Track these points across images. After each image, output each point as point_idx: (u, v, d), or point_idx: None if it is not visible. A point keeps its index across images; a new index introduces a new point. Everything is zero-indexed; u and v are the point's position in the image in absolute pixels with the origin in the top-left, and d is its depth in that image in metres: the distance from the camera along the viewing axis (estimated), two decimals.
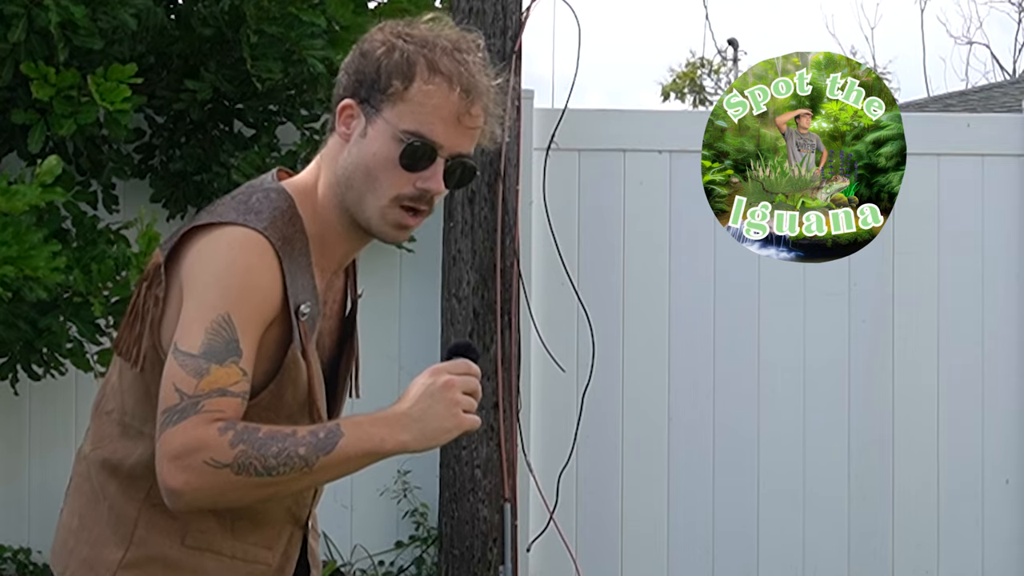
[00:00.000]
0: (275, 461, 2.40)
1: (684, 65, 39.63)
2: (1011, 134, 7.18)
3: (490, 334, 6.62)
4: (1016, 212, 7.11)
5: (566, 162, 6.97)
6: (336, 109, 2.66)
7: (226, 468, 2.38)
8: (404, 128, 2.57)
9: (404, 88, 2.58)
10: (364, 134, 2.61)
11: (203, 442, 2.37)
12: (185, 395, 2.40)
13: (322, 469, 2.43)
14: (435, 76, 2.58)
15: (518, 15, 6.69)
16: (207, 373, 2.41)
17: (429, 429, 2.50)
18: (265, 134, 6.68)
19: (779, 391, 7.06)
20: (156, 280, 2.56)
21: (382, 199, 2.60)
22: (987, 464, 7.09)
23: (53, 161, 5.30)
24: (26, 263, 5.22)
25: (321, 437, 2.43)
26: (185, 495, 2.39)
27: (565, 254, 6.87)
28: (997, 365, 7.09)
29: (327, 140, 2.71)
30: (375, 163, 2.59)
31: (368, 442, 2.46)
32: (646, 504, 7.04)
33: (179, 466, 2.37)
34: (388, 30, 2.66)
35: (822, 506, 7.04)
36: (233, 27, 6.17)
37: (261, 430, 2.42)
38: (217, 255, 2.50)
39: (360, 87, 2.62)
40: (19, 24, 5.60)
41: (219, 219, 2.54)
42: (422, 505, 6.98)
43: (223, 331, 2.43)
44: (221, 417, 2.40)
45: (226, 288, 2.47)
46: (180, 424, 2.38)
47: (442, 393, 2.51)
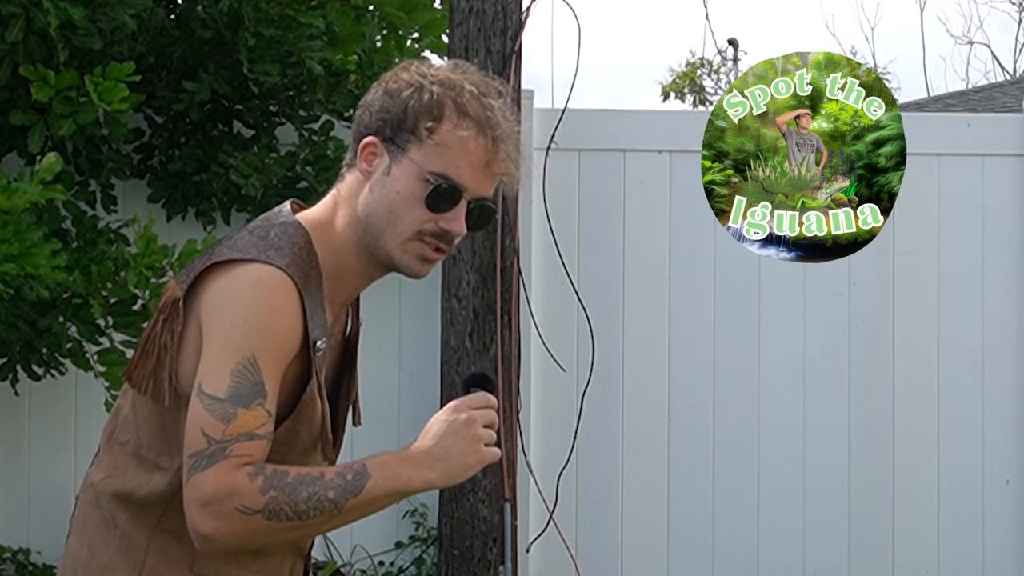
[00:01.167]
0: (305, 506, 2.42)
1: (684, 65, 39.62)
2: (1011, 134, 7.17)
3: (490, 334, 6.62)
4: (1016, 212, 7.10)
5: (566, 162, 6.97)
6: (358, 146, 2.65)
7: (257, 514, 2.39)
8: (431, 170, 2.58)
9: (432, 129, 2.59)
10: (388, 172, 2.61)
11: (234, 488, 2.39)
12: (213, 440, 2.40)
13: (350, 511, 2.45)
14: (464, 120, 2.59)
15: (518, 15, 6.68)
16: (234, 418, 2.41)
17: (453, 467, 2.53)
18: (264, 135, 6.68)
19: (779, 391, 7.05)
20: (174, 315, 2.56)
21: (403, 235, 2.61)
22: (987, 464, 7.08)
23: (52, 158, 5.29)
24: (27, 261, 5.23)
25: (349, 480, 2.45)
26: (216, 540, 2.41)
27: (565, 254, 6.86)
28: (997, 365, 7.09)
29: (344, 176, 2.69)
30: (398, 201, 2.60)
31: (395, 482, 2.48)
32: (646, 504, 7.04)
33: (210, 512, 2.39)
34: (414, 70, 2.66)
35: (822, 505, 7.04)
36: (232, 29, 6.17)
37: (290, 474, 2.43)
38: (241, 294, 2.50)
39: (385, 126, 2.62)
40: (17, 24, 5.60)
41: (240, 255, 2.52)
42: (422, 505, 6.98)
43: (248, 373, 2.44)
44: (249, 461, 2.41)
45: (251, 329, 2.46)
46: (209, 470, 2.39)
47: (465, 430, 2.54)
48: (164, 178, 6.74)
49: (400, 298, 6.98)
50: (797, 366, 7.06)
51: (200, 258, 2.61)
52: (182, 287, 2.56)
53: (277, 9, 5.99)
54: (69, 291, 5.92)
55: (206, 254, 2.60)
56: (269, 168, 6.38)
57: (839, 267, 6.91)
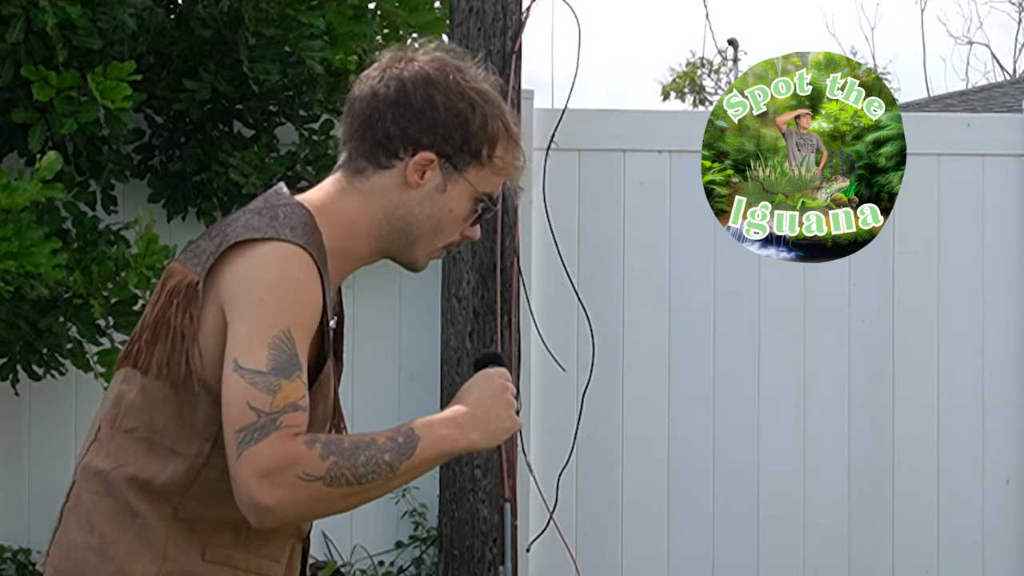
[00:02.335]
0: (364, 469, 2.42)
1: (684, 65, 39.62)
2: (1011, 134, 7.17)
3: (490, 334, 6.61)
4: (1016, 212, 7.10)
5: (566, 162, 6.96)
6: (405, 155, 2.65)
7: (319, 481, 2.39)
8: (484, 191, 2.69)
9: (491, 156, 2.67)
10: (443, 190, 2.67)
11: (294, 457, 2.38)
12: (262, 412, 2.39)
13: (404, 473, 2.48)
14: (510, 143, 2.70)
15: (518, 15, 6.68)
16: (279, 389, 2.41)
17: (493, 428, 2.59)
18: (264, 134, 6.68)
19: (779, 390, 7.05)
20: (192, 298, 2.55)
21: (436, 246, 2.71)
22: (987, 464, 7.08)
23: (52, 156, 5.29)
24: (27, 259, 5.23)
25: (401, 443, 2.47)
26: (278, 512, 2.40)
27: (565, 254, 6.86)
28: (997, 365, 7.08)
29: (365, 170, 2.68)
30: (449, 219, 2.69)
31: (443, 443, 2.53)
32: (646, 503, 7.03)
33: (272, 483, 2.37)
34: (454, 79, 2.67)
35: (823, 503, 7.03)
36: (232, 28, 6.17)
37: (345, 440, 2.45)
38: (267, 270, 2.51)
39: (444, 144, 2.65)
40: (17, 25, 5.60)
41: (259, 235, 2.53)
42: (421, 505, 6.97)
43: (285, 346, 2.44)
44: (299, 431, 2.41)
45: (282, 303, 2.47)
46: (263, 441, 2.38)
47: (501, 394, 2.61)
48: (164, 178, 6.73)
49: (400, 298, 6.98)
50: (797, 365, 7.05)
51: (207, 241, 2.61)
52: (197, 270, 2.56)
53: (277, 9, 5.99)
54: (70, 291, 5.92)
55: (212, 237, 2.60)
56: (269, 167, 6.38)
57: (839, 267, 6.91)
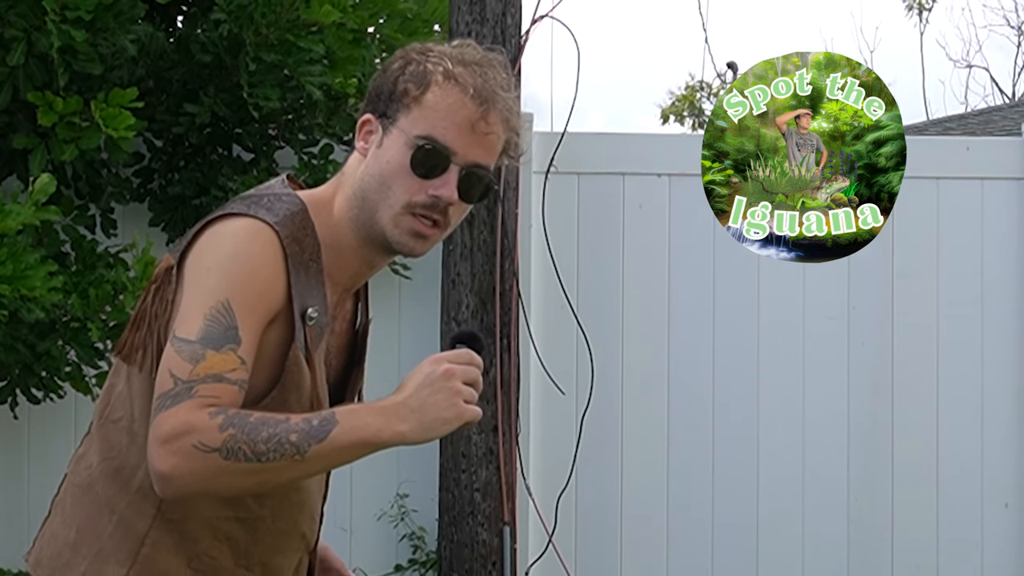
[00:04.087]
0: (265, 447, 2.31)
1: (683, 88, 39.65)
2: (1011, 158, 7.17)
3: (489, 357, 6.60)
4: (1016, 236, 7.10)
5: (565, 185, 6.96)
6: (357, 127, 2.65)
7: (215, 452, 2.30)
8: (417, 133, 2.56)
9: (419, 95, 2.57)
10: (380, 144, 2.59)
11: (192, 425, 2.30)
12: (180, 380, 2.34)
13: (315, 458, 2.34)
14: (449, 82, 2.57)
15: (517, 39, 6.69)
16: (203, 359, 2.35)
17: (428, 419, 2.39)
18: (264, 158, 6.67)
19: (779, 415, 7.04)
20: (166, 282, 2.51)
21: (395, 207, 2.57)
22: (986, 488, 7.07)
23: (46, 179, 5.27)
24: (23, 283, 5.22)
25: (315, 424, 2.34)
26: (174, 479, 2.32)
27: (564, 277, 6.86)
28: (996, 388, 7.08)
29: (347, 159, 2.69)
30: (389, 170, 2.57)
31: (364, 431, 2.36)
32: (645, 528, 7.02)
33: (168, 450, 2.30)
34: (409, 49, 2.66)
35: (822, 528, 7.02)
36: (232, 53, 6.17)
37: (253, 415, 2.34)
38: (220, 243, 2.46)
39: (378, 100, 2.62)
40: (19, 48, 5.59)
41: (227, 211, 2.50)
42: (420, 528, 6.96)
43: (222, 318, 2.37)
44: (215, 403, 2.33)
45: (226, 274, 2.42)
46: (172, 408, 2.32)
47: (442, 382, 2.41)
48: (164, 201, 6.73)
49: (399, 322, 6.97)
50: (796, 388, 7.05)
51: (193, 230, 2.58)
52: (175, 255, 2.53)
53: (277, 34, 5.99)
54: (68, 314, 5.92)
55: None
56: None
57: (839, 290, 6.93)
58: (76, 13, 5.49)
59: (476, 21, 6.62)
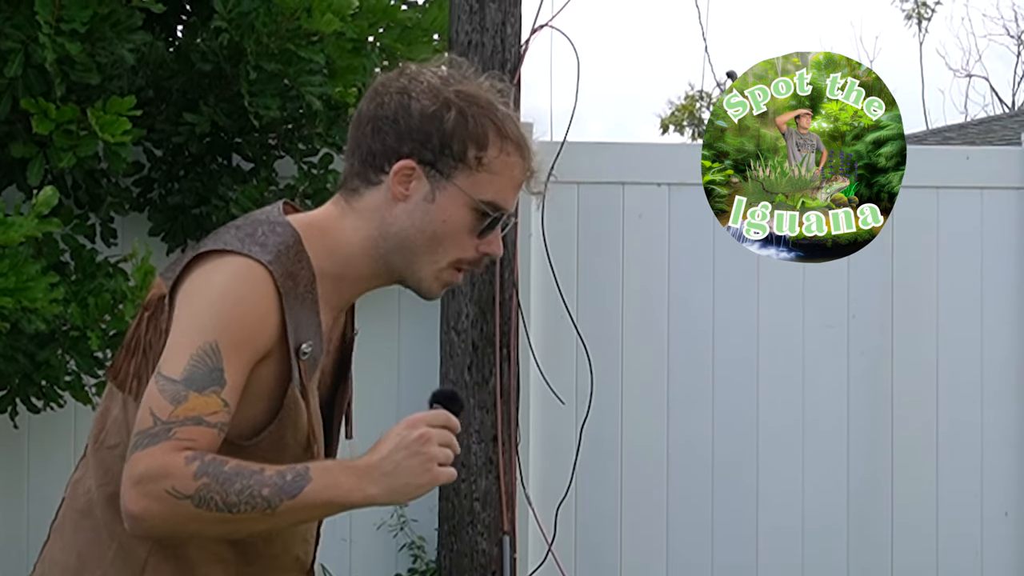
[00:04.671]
0: (236, 498, 2.31)
1: (683, 98, 39.70)
2: (1010, 167, 7.17)
3: (489, 367, 6.60)
4: (1015, 245, 7.09)
5: (565, 195, 6.95)
6: (377, 162, 2.57)
7: (187, 499, 2.30)
8: (483, 199, 2.55)
9: (479, 157, 2.55)
10: (431, 199, 2.55)
11: (167, 470, 2.30)
12: (159, 420, 2.33)
13: (285, 512, 2.35)
14: (507, 144, 2.58)
15: (517, 48, 6.68)
16: (184, 400, 2.33)
17: (399, 484, 2.40)
18: (263, 168, 6.67)
19: (778, 423, 7.04)
20: (159, 310, 2.49)
21: (441, 262, 2.59)
22: (986, 497, 7.07)
23: (49, 191, 5.27)
24: (24, 295, 5.21)
25: (288, 480, 2.34)
26: (144, 521, 2.32)
27: (564, 287, 6.85)
28: (996, 399, 7.07)
29: (358, 189, 2.60)
30: (444, 230, 2.56)
31: (335, 490, 2.38)
32: (644, 537, 7.02)
33: (140, 492, 2.30)
34: (435, 83, 2.59)
35: (822, 538, 7.02)
36: (232, 62, 6.16)
37: (228, 463, 2.33)
38: (213, 282, 2.43)
39: (423, 149, 2.54)
40: (16, 59, 5.58)
41: (222, 247, 2.46)
42: (420, 538, 6.95)
43: (208, 359, 2.36)
44: (191, 447, 2.32)
45: (217, 316, 2.39)
46: (148, 448, 2.31)
47: (417, 446, 2.41)
48: (164, 211, 6.72)
49: (399, 332, 6.97)
50: (796, 398, 7.04)
51: (186, 253, 2.54)
52: (168, 282, 2.50)
53: (278, 43, 5.98)
54: (68, 324, 5.91)
55: (192, 249, 2.54)
56: (268, 201, 6.37)
57: (838, 297, 6.93)
58: (71, 25, 5.48)
59: (476, 31, 6.62)
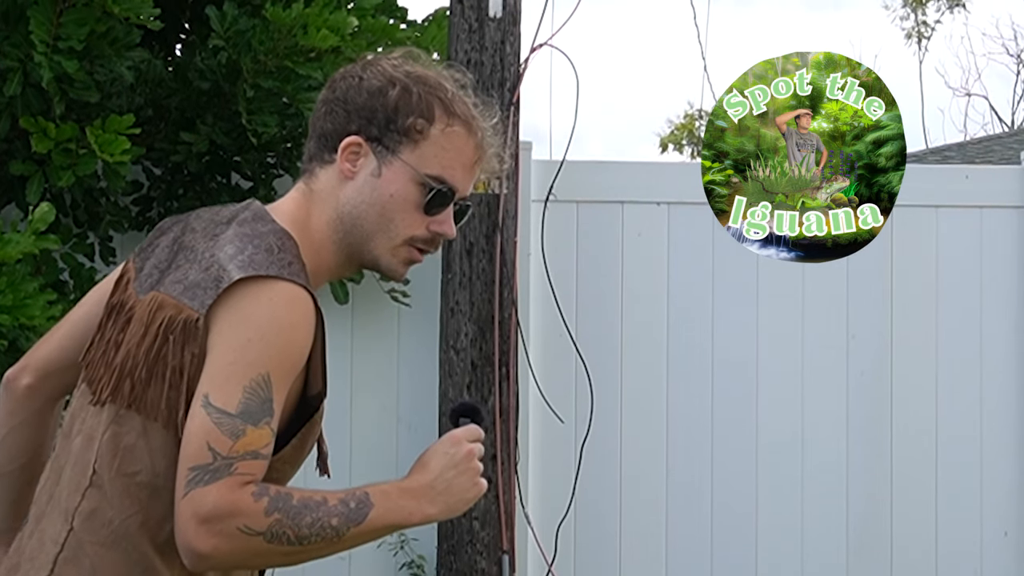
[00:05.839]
0: (308, 531, 2.34)
1: (682, 117, 39.77)
2: (1010, 186, 7.16)
3: (488, 386, 6.59)
4: (1015, 263, 7.09)
5: (564, 214, 6.95)
6: (329, 143, 2.61)
7: (259, 536, 2.31)
8: (428, 172, 2.57)
9: (423, 130, 2.56)
10: (378, 174, 2.57)
11: (237, 507, 2.30)
12: (219, 455, 2.31)
13: (350, 538, 2.39)
14: (454, 119, 2.59)
15: (516, 67, 6.67)
16: (243, 435, 2.33)
17: (453, 501, 2.53)
18: (262, 186, 6.66)
19: (777, 442, 7.02)
20: (191, 336, 2.43)
21: (395, 240, 2.60)
22: (985, 516, 7.05)
23: (45, 208, 5.26)
24: (22, 312, 5.20)
25: (352, 508, 2.39)
26: (212, 559, 2.32)
27: (563, 306, 6.84)
28: (996, 417, 7.06)
29: (315, 172, 2.64)
30: (392, 204, 2.58)
31: (396, 514, 2.45)
32: (644, 557, 7.00)
33: (210, 530, 2.29)
34: (386, 66, 2.61)
35: (821, 550, 7.00)
36: (230, 80, 6.16)
37: (294, 497, 2.35)
38: (260, 311, 2.41)
39: (370, 125, 2.57)
40: (15, 78, 5.58)
41: (261, 272, 2.43)
42: (419, 557, 6.92)
43: (260, 391, 2.36)
44: (252, 480, 2.33)
45: (268, 347, 2.38)
46: (212, 485, 2.30)
47: (465, 464, 2.54)
48: None
49: (398, 350, 6.95)
50: (796, 416, 7.03)
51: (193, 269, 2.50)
52: (195, 305, 2.44)
53: (275, 61, 5.98)
54: None
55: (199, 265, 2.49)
56: None
57: (838, 318, 6.93)
58: (68, 43, 5.48)
59: (475, 49, 6.61)
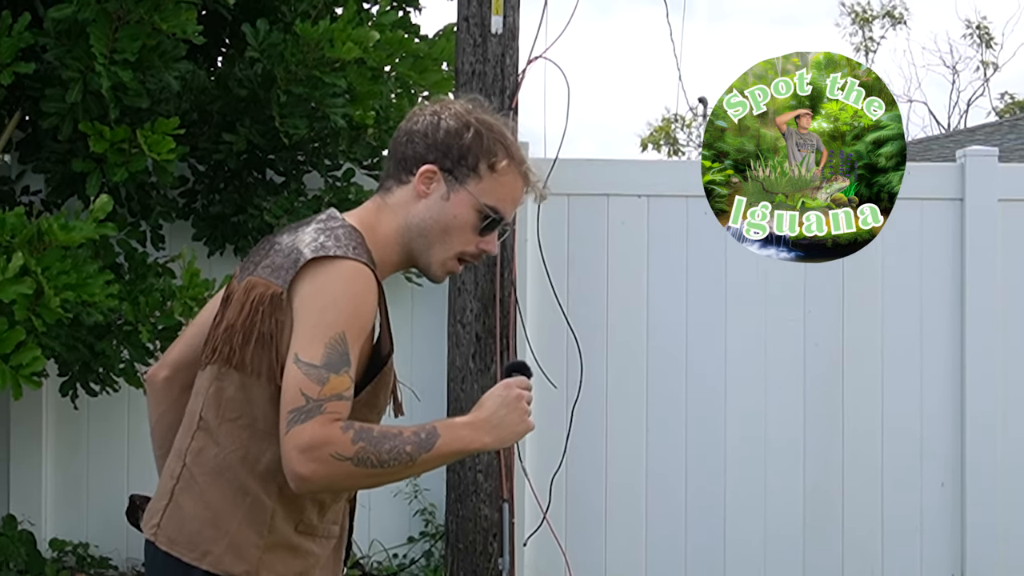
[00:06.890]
0: (387, 456, 2.55)
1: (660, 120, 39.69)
2: (947, 182, 7.15)
3: (490, 355, 6.60)
4: (950, 249, 7.11)
5: (557, 205, 6.95)
6: (407, 167, 2.83)
7: (348, 461, 2.52)
8: (486, 203, 2.82)
9: (488, 171, 2.82)
10: (447, 198, 2.82)
11: (329, 438, 2.51)
12: (310, 399, 2.53)
13: (421, 463, 2.60)
14: (511, 164, 2.85)
15: (515, 76, 6.69)
16: (327, 381, 2.55)
17: (506, 433, 2.73)
18: (293, 181, 6.69)
19: (744, 403, 7.05)
20: (277, 307, 2.68)
21: (449, 252, 2.84)
22: (925, 470, 7.07)
23: (104, 199, 5.30)
24: (83, 290, 5.23)
25: (423, 438, 2.60)
26: (311, 481, 2.53)
27: (556, 285, 6.85)
28: (934, 384, 7.09)
29: (391, 188, 2.86)
30: (454, 224, 2.82)
31: (459, 442, 2.66)
32: (627, 504, 7.03)
33: (309, 457, 2.51)
34: (460, 110, 2.87)
35: (782, 494, 7.03)
36: (265, 88, 6.18)
37: (375, 430, 2.57)
38: (334, 283, 2.64)
39: (445, 158, 2.82)
40: (76, 87, 5.61)
41: (330, 253, 2.67)
42: (430, 505, 6.95)
43: (338, 346, 2.57)
44: (339, 417, 2.55)
45: (341, 311, 2.61)
46: (308, 423, 2.52)
47: (515, 403, 2.74)
48: (206, 219, 6.75)
49: (412, 323, 6.98)
50: (759, 381, 7.06)
51: (278, 256, 2.74)
52: (279, 282, 2.69)
53: (305, 71, 5.99)
54: (121, 318, 5.93)
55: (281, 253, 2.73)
56: (298, 210, 6.38)
57: (795, 299, 6.95)
58: (123, 55, 5.50)
59: (479, 61, 6.63)
